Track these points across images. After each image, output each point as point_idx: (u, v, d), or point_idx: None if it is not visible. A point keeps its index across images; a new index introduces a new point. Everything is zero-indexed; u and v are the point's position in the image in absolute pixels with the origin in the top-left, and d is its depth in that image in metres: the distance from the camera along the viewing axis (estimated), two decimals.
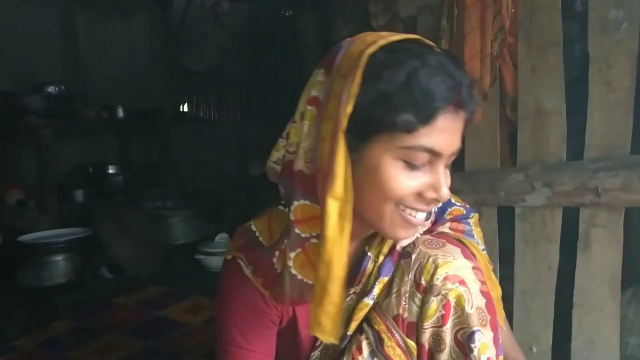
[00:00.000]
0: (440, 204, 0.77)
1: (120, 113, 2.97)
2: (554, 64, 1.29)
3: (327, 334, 0.68)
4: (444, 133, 0.65)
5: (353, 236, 0.78)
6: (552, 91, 1.30)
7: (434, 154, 0.65)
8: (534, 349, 1.36)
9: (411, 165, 0.66)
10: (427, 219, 0.75)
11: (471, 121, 0.70)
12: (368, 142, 0.66)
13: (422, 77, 0.62)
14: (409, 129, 0.63)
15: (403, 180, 0.66)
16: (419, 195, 0.68)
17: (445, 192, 0.68)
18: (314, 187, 0.69)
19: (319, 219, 0.67)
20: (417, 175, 0.67)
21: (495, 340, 0.73)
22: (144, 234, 2.66)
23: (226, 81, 3.53)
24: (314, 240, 0.69)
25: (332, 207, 0.65)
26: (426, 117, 0.62)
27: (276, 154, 0.76)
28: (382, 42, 0.66)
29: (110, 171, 3.12)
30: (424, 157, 0.66)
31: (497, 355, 0.73)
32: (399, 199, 0.68)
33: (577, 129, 1.28)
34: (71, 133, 2.97)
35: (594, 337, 1.26)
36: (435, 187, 0.68)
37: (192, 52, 3.41)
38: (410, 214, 0.69)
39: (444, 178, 0.68)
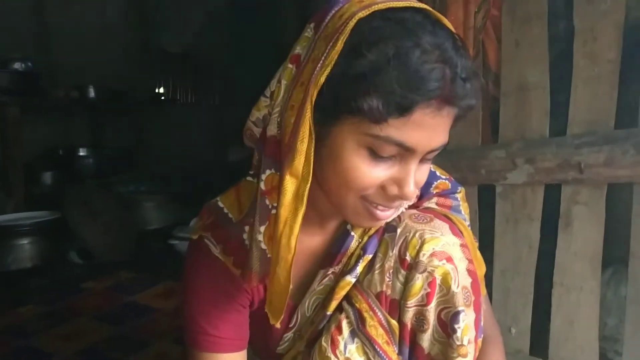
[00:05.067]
0: (404, 204, 0.70)
1: (92, 93, 2.88)
2: (538, 37, 1.26)
3: (273, 314, 0.66)
4: (421, 129, 0.57)
5: (330, 215, 0.74)
6: (536, 65, 1.26)
7: (405, 149, 0.58)
8: (513, 331, 1.33)
9: (376, 155, 0.59)
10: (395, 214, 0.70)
11: (464, 116, 0.61)
12: (336, 121, 0.59)
13: (409, 60, 0.54)
14: (376, 119, 0.55)
15: (364, 171, 0.60)
16: (382, 189, 0.62)
17: (409, 191, 0.61)
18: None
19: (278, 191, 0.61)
20: (382, 167, 0.60)
21: (477, 322, 0.70)
22: (115, 218, 2.58)
23: (204, 63, 3.43)
24: (274, 212, 0.63)
25: (289, 185, 0.60)
26: (399, 109, 0.55)
27: (256, 114, 0.68)
28: (378, 7, 0.57)
29: (81, 154, 3.02)
30: (392, 149, 0.58)
31: (476, 338, 0.70)
32: (359, 191, 0.62)
33: (561, 106, 1.25)
34: (40, 113, 2.87)
35: (573, 317, 1.24)
36: (399, 183, 0.61)
37: (169, 33, 3.31)
38: (375, 207, 0.64)
39: (412, 175, 0.61)
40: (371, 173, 0.60)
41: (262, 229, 0.64)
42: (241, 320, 0.76)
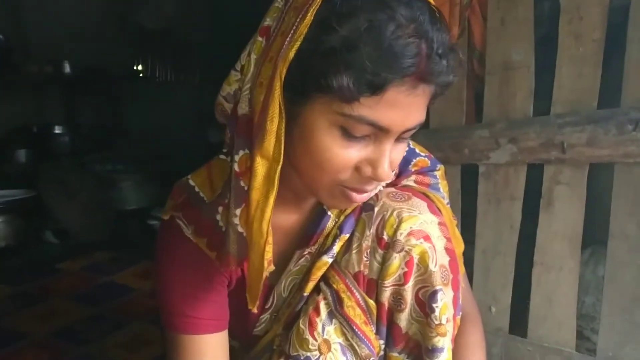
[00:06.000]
0: (378, 186, 0.68)
1: (67, 68, 2.78)
2: (524, 15, 1.24)
3: (250, 298, 0.64)
4: (395, 108, 0.54)
5: (306, 194, 0.71)
6: (521, 44, 1.25)
7: (379, 129, 0.55)
8: (493, 309, 1.34)
9: (350, 135, 0.56)
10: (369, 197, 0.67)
11: (442, 94, 0.58)
12: (307, 99, 0.56)
13: (382, 35, 0.50)
14: (347, 98, 0.52)
15: (337, 152, 0.57)
16: (357, 171, 0.59)
17: (383, 172, 0.58)
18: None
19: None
20: (355, 147, 0.57)
21: (455, 300, 0.69)
22: (92, 198, 2.53)
23: (184, 41, 3.34)
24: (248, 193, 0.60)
25: (260, 166, 0.57)
26: (371, 88, 0.51)
27: (227, 88, 0.64)
28: None
29: (56, 131, 2.93)
30: (365, 129, 0.55)
31: (454, 316, 0.69)
32: (333, 173, 0.59)
33: (545, 86, 1.24)
34: (12, 88, 2.76)
35: (552, 295, 1.25)
36: (373, 164, 0.58)
37: (147, 8, 3.21)
38: (350, 190, 0.62)
39: (387, 155, 0.58)
40: (344, 154, 0.57)
41: (238, 211, 0.61)
42: (220, 300, 0.74)
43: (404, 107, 0.55)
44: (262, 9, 0.63)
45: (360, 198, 0.63)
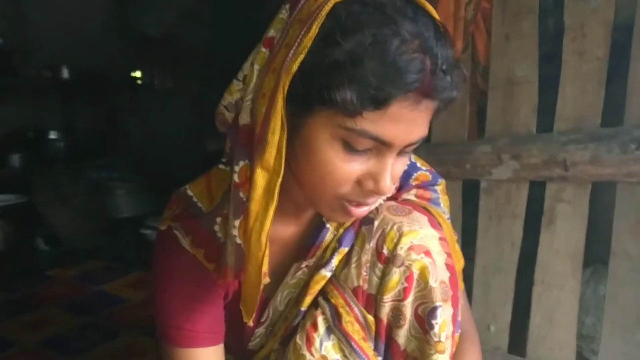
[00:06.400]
0: (378, 200, 0.67)
1: (65, 73, 2.77)
2: (528, 31, 1.24)
3: (246, 311, 0.62)
4: (398, 122, 0.53)
5: (305, 205, 0.70)
6: (525, 60, 1.25)
7: (381, 143, 0.55)
8: (492, 328, 1.32)
9: (352, 149, 0.55)
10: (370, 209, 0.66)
11: (445, 109, 0.58)
12: (309, 112, 0.55)
13: (387, 50, 0.50)
14: (350, 112, 0.52)
15: (339, 165, 0.56)
16: (358, 184, 0.59)
17: (385, 186, 0.57)
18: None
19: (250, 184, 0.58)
20: (357, 161, 0.57)
21: (454, 317, 0.68)
22: (86, 205, 2.51)
23: (185, 49, 3.34)
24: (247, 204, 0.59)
25: (260, 178, 0.56)
26: (375, 102, 0.51)
27: (229, 98, 0.63)
28: None
29: (52, 137, 2.90)
30: (367, 143, 0.55)
31: (453, 333, 0.68)
32: (334, 187, 0.58)
33: (549, 102, 1.24)
34: (10, 92, 2.74)
35: (552, 315, 1.24)
36: (375, 178, 0.58)
37: (150, 16, 3.21)
38: (350, 204, 0.61)
39: (389, 169, 0.57)
40: (346, 167, 0.57)
41: (237, 222, 0.60)
42: (216, 312, 0.72)
43: (407, 122, 0.54)
44: (263, 19, 0.62)
45: (359, 212, 0.62)
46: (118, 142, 3.26)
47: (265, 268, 0.59)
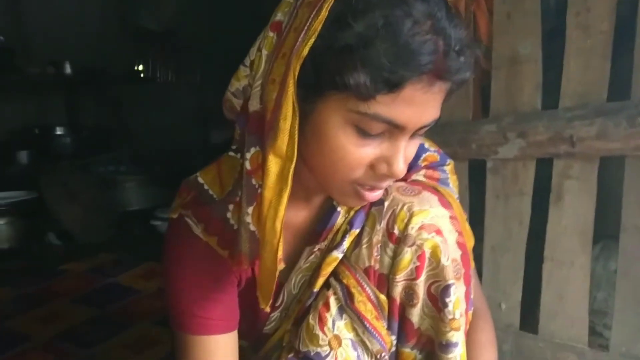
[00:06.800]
0: (391, 182, 0.67)
1: (68, 69, 2.78)
2: (530, 8, 1.23)
3: (262, 298, 0.63)
4: (412, 105, 0.53)
5: (316, 189, 0.70)
6: (528, 38, 1.23)
7: (395, 126, 0.55)
8: (503, 306, 1.32)
9: (364, 133, 0.55)
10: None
11: (457, 90, 0.58)
12: (321, 97, 0.55)
13: (400, 32, 0.49)
14: (363, 95, 0.51)
15: (352, 151, 0.56)
16: (371, 168, 0.59)
17: (398, 169, 0.58)
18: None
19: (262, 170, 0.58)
20: (370, 146, 0.57)
21: (467, 295, 0.68)
22: (95, 199, 2.52)
23: (185, 42, 3.33)
24: (260, 191, 0.59)
25: (272, 165, 0.56)
26: (389, 85, 0.51)
27: (236, 84, 0.63)
28: None
29: (58, 133, 2.92)
30: (380, 127, 0.55)
31: (466, 311, 0.69)
32: (347, 172, 0.58)
33: (553, 79, 1.23)
34: (14, 90, 2.75)
35: (563, 291, 1.24)
36: (388, 161, 0.58)
37: (149, 9, 3.20)
38: (363, 188, 0.61)
39: (402, 152, 0.58)
40: (358, 152, 0.57)
41: (250, 209, 0.60)
42: (230, 300, 0.72)
43: (420, 104, 0.54)
44: (264, 11, 0.62)
45: (372, 197, 0.63)
46: (123, 135, 3.27)
47: (280, 254, 0.59)
